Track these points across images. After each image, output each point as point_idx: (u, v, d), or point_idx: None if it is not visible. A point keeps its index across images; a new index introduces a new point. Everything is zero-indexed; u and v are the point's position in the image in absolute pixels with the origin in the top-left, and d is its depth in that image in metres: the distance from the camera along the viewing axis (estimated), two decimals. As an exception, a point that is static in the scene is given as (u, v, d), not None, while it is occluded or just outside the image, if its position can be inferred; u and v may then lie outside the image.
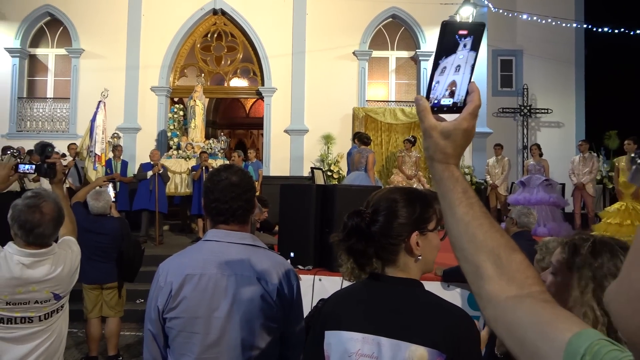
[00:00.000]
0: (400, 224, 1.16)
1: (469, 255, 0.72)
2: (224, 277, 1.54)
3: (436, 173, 0.79)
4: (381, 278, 1.20)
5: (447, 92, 0.78)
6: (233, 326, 1.52)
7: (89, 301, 4.43)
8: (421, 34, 10.42)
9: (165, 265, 1.61)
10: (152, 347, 1.61)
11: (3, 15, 10.54)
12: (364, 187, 4.95)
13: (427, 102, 0.78)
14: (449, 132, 0.77)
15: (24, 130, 10.58)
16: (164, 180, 8.18)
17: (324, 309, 1.27)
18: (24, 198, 1.94)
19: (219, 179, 1.61)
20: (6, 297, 1.92)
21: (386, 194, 1.23)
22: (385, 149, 9.96)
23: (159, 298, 1.55)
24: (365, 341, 1.12)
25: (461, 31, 0.75)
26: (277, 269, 1.60)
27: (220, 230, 1.61)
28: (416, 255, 1.17)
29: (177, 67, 10.77)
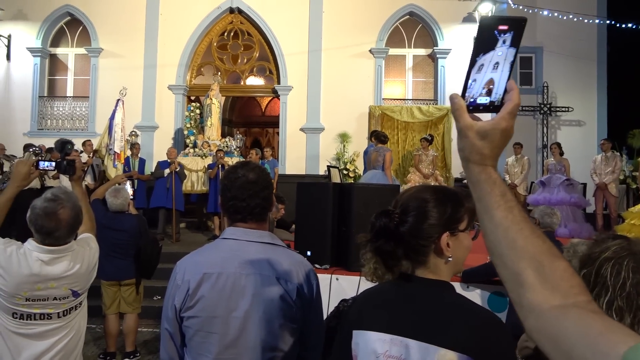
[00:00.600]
0: (430, 225, 1.12)
1: (508, 261, 0.68)
2: (243, 276, 1.51)
3: (472, 175, 0.76)
4: (412, 279, 1.17)
5: (484, 91, 0.75)
6: (252, 326, 1.49)
7: (107, 297, 4.47)
8: (439, 31, 10.30)
9: (183, 264, 1.58)
10: (168, 346, 1.59)
11: (25, 16, 10.73)
12: (381, 185, 4.89)
13: (462, 101, 0.75)
14: (486, 132, 0.74)
15: (45, 128, 10.76)
16: (181, 178, 8.24)
17: (352, 308, 1.24)
18: (43, 200, 1.94)
19: (236, 176, 1.58)
20: (25, 294, 1.93)
21: (416, 193, 1.18)
22: (401, 147, 9.88)
23: (176, 297, 1.53)
24: (393, 342, 1.09)
25: (501, 26, 0.72)
26: (296, 268, 1.57)
27: (239, 229, 1.58)
28: (446, 256, 1.13)
29: (194, 66, 10.83)
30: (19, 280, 1.91)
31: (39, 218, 1.92)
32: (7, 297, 1.92)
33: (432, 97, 10.47)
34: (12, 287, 1.91)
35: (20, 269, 1.91)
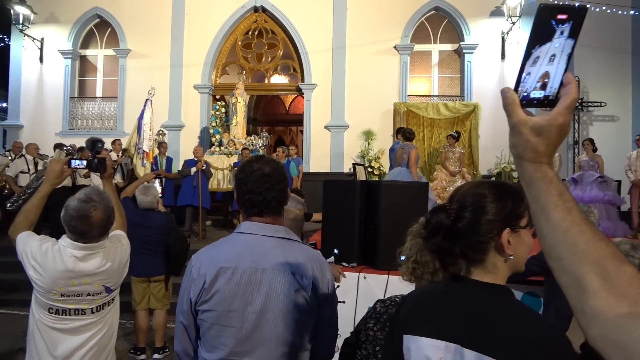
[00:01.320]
0: (489, 221, 1.06)
1: (568, 265, 0.64)
2: (259, 271, 1.51)
3: (526, 173, 0.72)
4: (466, 282, 1.10)
5: (538, 84, 0.71)
6: (267, 320, 1.49)
7: (137, 293, 4.54)
8: (465, 26, 10.10)
9: (198, 257, 1.58)
10: (183, 338, 1.60)
11: (56, 19, 11.02)
12: (409, 183, 4.83)
13: (515, 95, 0.72)
14: (541, 128, 0.70)
15: (75, 128, 11.04)
16: (207, 176, 8.33)
17: (401, 310, 1.19)
18: (76, 201, 1.97)
19: (251, 169, 1.58)
20: (61, 289, 1.96)
21: (472, 189, 1.13)
22: (427, 144, 9.74)
23: (192, 290, 1.53)
24: (448, 350, 1.04)
25: (560, 15, 0.68)
26: (311, 263, 1.56)
27: (254, 223, 1.58)
28: (507, 254, 1.06)
29: (219, 65, 10.93)
30: (55, 276, 1.94)
31: (72, 219, 1.95)
32: (43, 292, 1.96)
33: (459, 93, 10.29)
34: (48, 283, 1.95)
35: (56, 265, 1.95)
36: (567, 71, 0.71)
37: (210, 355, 1.52)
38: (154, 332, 4.64)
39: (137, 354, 4.56)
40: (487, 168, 9.74)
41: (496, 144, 9.68)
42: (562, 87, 0.71)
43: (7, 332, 5.22)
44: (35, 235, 2.04)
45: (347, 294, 3.53)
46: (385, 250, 3.47)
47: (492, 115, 9.81)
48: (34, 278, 1.97)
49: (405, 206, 3.52)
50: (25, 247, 1.99)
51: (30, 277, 1.97)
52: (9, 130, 11.37)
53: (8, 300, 6.17)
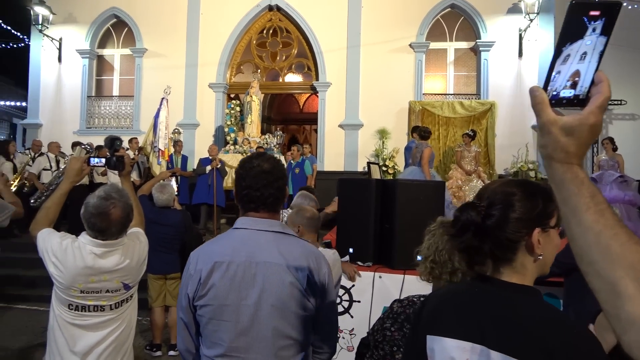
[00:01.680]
0: (519, 219, 1.04)
1: (601, 270, 0.63)
2: (253, 264, 1.51)
3: (555, 175, 0.70)
4: (493, 282, 1.08)
5: (568, 83, 0.70)
6: (263, 314, 1.49)
7: (153, 290, 4.58)
8: (482, 23, 9.98)
9: (196, 253, 1.61)
10: (184, 335, 1.61)
11: (74, 19, 11.18)
12: (426, 182, 4.79)
13: (545, 94, 0.70)
14: (572, 128, 0.68)
15: (93, 127, 11.19)
16: (222, 174, 8.37)
17: (424, 310, 1.17)
18: (96, 198, 1.99)
19: (250, 166, 1.59)
20: (80, 286, 1.98)
21: (501, 187, 1.10)
22: (442, 143, 9.65)
23: (189, 286, 1.55)
24: (473, 351, 1.02)
25: (592, 12, 0.66)
26: (307, 256, 1.57)
27: (250, 218, 1.59)
28: (537, 254, 1.04)
29: (233, 64, 10.97)
30: (74, 272, 1.96)
31: (92, 216, 1.97)
32: (63, 289, 1.99)
33: (475, 92, 10.17)
34: (68, 279, 1.97)
35: (75, 262, 1.97)
36: (599, 69, 0.69)
37: (210, 352, 1.53)
38: (169, 329, 4.68)
39: (153, 350, 4.60)
40: (503, 167, 9.62)
41: (513, 142, 9.56)
42: (593, 86, 0.70)
43: (27, 328, 5.31)
44: (55, 232, 2.07)
45: (362, 294, 3.52)
46: (401, 249, 3.46)
47: (509, 114, 9.70)
48: (54, 274, 1.99)
49: (421, 205, 3.50)
50: (45, 243, 2.01)
51: (51, 274, 2.00)
52: (28, 129, 11.57)
53: (27, 295, 6.28)
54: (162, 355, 4.60)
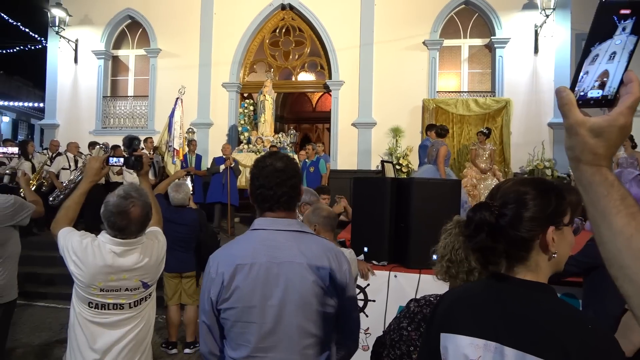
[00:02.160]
0: (533, 218, 1.05)
1: (633, 274, 0.62)
2: (275, 265, 1.52)
3: (583, 177, 0.69)
4: (507, 279, 1.08)
5: (596, 83, 0.69)
6: (288, 314, 1.50)
7: (169, 288, 4.62)
8: (496, 19, 9.87)
9: (216, 257, 1.60)
10: (207, 339, 1.61)
11: (90, 21, 11.32)
12: (442, 180, 4.75)
13: (572, 95, 0.69)
14: (601, 130, 0.67)
15: (108, 127, 11.33)
16: (236, 173, 8.41)
17: (438, 309, 1.18)
18: (115, 197, 2.01)
19: (264, 164, 1.59)
20: (100, 284, 2.01)
21: (514, 186, 1.11)
22: (457, 141, 9.56)
23: (212, 289, 1.55)
24: (487, 348, 1.02)
25: (623, 11, 0.65)
26: (327, 254, 1.57)
27: (267, 218, 1.59)
28: (551, 252, 1.05)
29: (246, 63, 11.01)
30: (94, 270, 1.99)
31: (112, 215, 1.99)
32: (83, 287, 2.01)
33: (489, 89, 10.06)
34: (88, 278, 1.99)
35: (95, 260, 1.99)
36: (629, 69, 0.68)
37: (236, 353, 1.53)
38: (185, 327, 4.72)
39: (169, 348, 4.64)
40: (519, 165, 9.51)
41: (528, 140, 9.44)
42: (622, 86, 0.68)
43: (45, 325, 5.40)
44: (75, 231, 2.09)
45: (377, 293, 3.51)
46: (417, 248, 3.44)
47: (525, 111, 9.58)
48: (75, 273, 2.01)
49: (437, 204, 3.47)
50: (66, 242, 2.04)
51: (71, 272, 2.02)
52: (46, 129, 11.76)
53: (46, 293, 6.39)
54: (177, 352, 4.64)
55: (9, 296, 3.27)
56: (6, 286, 3.23)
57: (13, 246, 3.29)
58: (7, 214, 3.15)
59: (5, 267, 3.21)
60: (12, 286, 3.30)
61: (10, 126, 24.00)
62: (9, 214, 3.15)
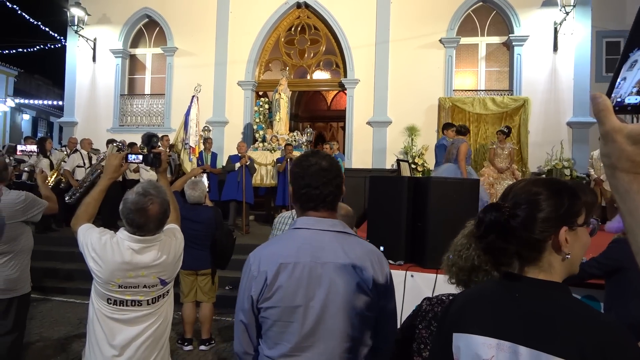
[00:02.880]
0: (544, 218, 1.04)
1: None
2: (318, 265, 1.50)
3: (620, 185, 0.67)
4: (520, 279, 1.07)
5: (634, 89, 0.67)
6: (329, 315, 1.48)
7: (184, 286, 4.65)
8: (515, 17, 9.72)
9: (257, 254, 1.58)
10: (243, 337, 1.58)
11: (108, 20, 11.46)
12: (460, 180, 4.70)
13: (608, 101, 0.68)
14: (639, 137, 0.65)
15: (125, 125, 11.46)
16: (251, 171, 8.44)
17: (451, 308, 1.17)
18: (134, 194, 2.02)
19: (308, 164, 1.57)
20: (118, 281, 2.02)
21: (526, 186, 1.10)
22: (473, 140, 9.44)
23: (253, 287, 1.52)
24: (500, 348, 1.01)
25: None
26: (370, 256, 1.55)
27: (311, 218, 1.57)
28: (565, 253, 1.04)
29: (262, 62, 11.04)
30: (113, 267, 2.00)
31: (131, 212, 2.00)
32: (102, 283, 2.03)
33: (507, 87, 9.92)
34: (107, 274, 2.00)
35: (114, 257, 2.00)
36: None
37: (272, 352, 1.52)
38: (200, 324, 4.74)
39: (184, 344, 4.67)
40: (537, 165, 9.37)
41: (547, 139, 9.30)
42: None
43: (64, 319, 5.48)
44: (94, 228, 2.11)
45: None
46: (433, 248, 3.40)
47: (543, 110, 9.43)
48: (94, 269, 2.03)
49: (454, 204, 3.43)
50: (85, 239, 2.06)
51: (90, 268, 2.04)
52: (64, 127, 11.95)
53: (65, 288, 6.49)
54: (192, 349, 4.67)
55: (23, 289, 3.38)
56: (19, 279, 3.34)
57: (25, 241, 3.39)
58: (18, 210, 3.25)
59: (18, 261, 3.32)
60: (26, 279, 3.41)
61: (31, 124, 24.46)
62: (20, 210, 3.25)
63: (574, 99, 9.37)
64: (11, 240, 3.26)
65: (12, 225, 3.24)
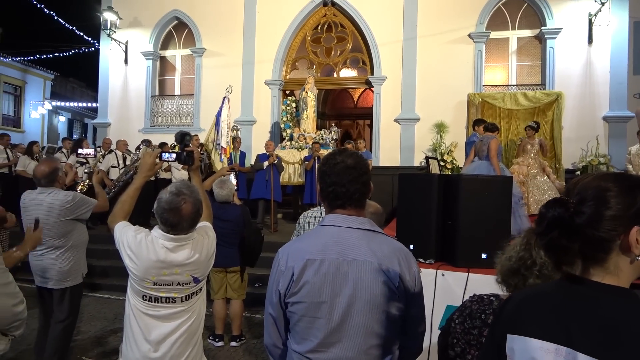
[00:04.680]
0: (614, 217, 0.97)
1: None
2: (345, 262, 1.51)
3: None
4: (584, 282, 1.01)
5: None
6: (356, 311, 1.49)
7: (215, 283, 4.73)
8: (547, 9, 9.45)
9: (285, 250, 1.61)
10: (272, 330, 1.62)
11: (139, 23, 11.73)
12: (491, 177, 4.59)
13: None
14: None
15: (156, 125, 11.72)
16: (279, 170, 8.49)
17: (506, 308, 1.12)
18: (168, 194, 2.07)
19: (335, 162, 1.59)
20: (153, 278, 2.07)
21: (594, 181, 1.03)
22: (504, 136, 9.23)
23: (280, 282, 1.55)
24: (558, 353, 0.96)
25: None
26: (397, 254, 1.54)
27: (338, 215, 1.58)
28: (635, 254, 0.97)
29: (289, 61, 11.08)
30: (147, 265, 2.05)
31: (164, 211, 2.05)
32: (137, 280, 2.08)
33: (539, 82, 9.67)
34: (142, 271, 2.05)
35: (149, 255, 2.05)
36: None
37: (300, 347, 1.54)
38: (231, 321, 4.81)
39: (215, 340, 4.75)
40: (571, 161, 9.09)
41: (581, 135, 9.01)
42: None
43: (100, 314, 5.66)
44: (130, 226, 2.17)
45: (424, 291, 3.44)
46: (465, 246, 3.35)
47: (578, 104, 9.14)
48: (129, 266, 2.08)
49: (486, 201, 3.36)
50: (122, 236, 2.11)
51: (126, 265, 2.09)
52: (98, 128, 12.31)
53: (100, 284, 6.69)
54: (223, 345, 4.74)
55: (75, 280, 3.68)
56: (70, 271, 3.63)
57: (77, 236, 3.67)
58: (67, 209, 3.50)
59: (69, 255, 3.61)
60: (77, 271, 3.70)
61: (66, 125, 25.32)
62: (68, 209, 3.50)
63: (610, 93, 9.05)
64: (62, 236, 3.54)
65: (62, 222, 3.50)
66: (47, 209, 3.43)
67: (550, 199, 1.08)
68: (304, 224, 4.19)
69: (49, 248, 3.52)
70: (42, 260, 3.55)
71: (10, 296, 1.68)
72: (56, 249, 3.55)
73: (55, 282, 3.57)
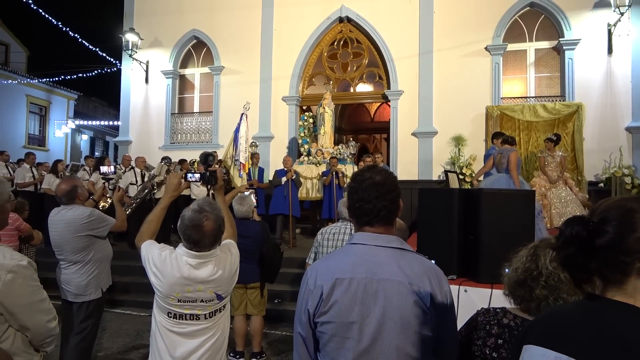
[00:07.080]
0: (637, 239, 0.95)
1: None
2: (374, 281, 1.47)
3: None
4: (601, 301, 1.00)
5: None
6: (387, 332, 1.45)
7: (235, 299, 4.73)
8: (565, 20, 9.40)
9: (314, 268, 1.59)
10: (301, 350, 1.59)
11: (160, 43, 12.03)
12: (513, 191, 4.54)
13: None
14: None
15: (176, 142, 11.91)
16: (297, 185, 8.53)
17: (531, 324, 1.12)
18: (190, 211, 2.11)
19: (362, 178, 1.57)
20: (178, 295, 2.09)
21: (619, 202, 1.02)
22: (524, 149, 9.13)
23: (309, 301, 1.53)
24: None
25: None
26: (428, 273, 1.50)
27: (367, 233, 1.56)
28: None
29: (305, 77, 11.21)
30: (172, 282, 2.08)
31: (187, 229, 2.08)
32: (162, 297, 2.11)
33: (559, 93, 9.57)
34: (166, 288, 2.09)
35: (173, 272, 2.08)
36: None
37: None
38: (251, 338, 4.80)
39: (236, 357, 4.74)
40: (593, 173, 8.92)
41: (603, 146, 8.86)
42: None
43: (122, 331, 5.71)
44: (156, 244, 2.21)
45: (446, 307, 3.39)
46: (488, 261, 3.30)
47: (599, 115, 9.01)
48: (155, 283, 2.11)
49: (508, 215, 3.33)
50: (147, 254, 2.15)
51: (152, 283, 2.13)
52: (120, 145, 12.57)
53: (122, 300, 6.76)
54: (244, 362, 4.73)
55: (93, 295, 3.72)
56: (88, 286, 3.69)
57: (98, 252, 3.75)
58: (83, 225, 3.58)
59: (88, 269, 3.68)
60: (95, 286, 3.75)
61: (89, 143, 25.92)
62: (84, 225, 3.59)
63: (632, 103, 8.90)
64: (80, 250, 3.63)
65: (79, 237, 3.58)
66: (65, 225, 3.56)
67: (572, 211, 1.08)
68: (323, 240, 4.20)
69: (70, 263, 3.65)
70: (65, 274, 3.68)
71: (45, 312, 1.73)
72: (75, 264, 3.66)
73: (74, 295, 3.68)
